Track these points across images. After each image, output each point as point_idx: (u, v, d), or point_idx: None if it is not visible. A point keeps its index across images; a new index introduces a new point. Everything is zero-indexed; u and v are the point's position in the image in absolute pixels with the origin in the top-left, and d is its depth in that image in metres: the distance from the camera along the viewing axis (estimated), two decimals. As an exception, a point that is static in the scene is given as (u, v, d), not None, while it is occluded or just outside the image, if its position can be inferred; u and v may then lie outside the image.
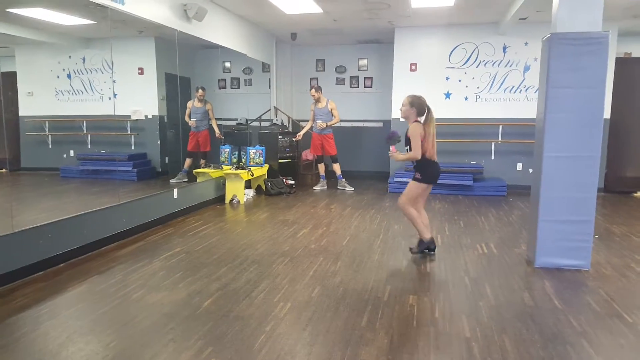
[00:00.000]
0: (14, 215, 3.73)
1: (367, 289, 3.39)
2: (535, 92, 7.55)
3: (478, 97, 8.01)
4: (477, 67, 7.94)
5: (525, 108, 7.69)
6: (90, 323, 2.86)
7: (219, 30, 6.90)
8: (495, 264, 4.02)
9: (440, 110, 8.10)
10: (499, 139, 7.83)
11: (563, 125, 3.71)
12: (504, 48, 7.80)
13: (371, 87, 9.61)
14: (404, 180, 7.68)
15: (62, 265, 3.90)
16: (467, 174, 7.55)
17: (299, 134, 8.09)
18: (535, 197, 3.97)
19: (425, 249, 4.24)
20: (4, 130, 4.96)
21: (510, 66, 7.81)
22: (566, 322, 2.86)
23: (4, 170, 5.98)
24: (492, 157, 7.98)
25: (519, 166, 7.94)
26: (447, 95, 8.12)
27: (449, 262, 4.04)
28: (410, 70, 8.22)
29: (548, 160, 3.78)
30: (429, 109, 4.02)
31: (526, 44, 7.67)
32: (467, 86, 8.03)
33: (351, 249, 4.43)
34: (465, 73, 8.01)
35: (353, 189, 7.79)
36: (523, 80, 7.79)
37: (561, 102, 3.70)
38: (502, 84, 7.88)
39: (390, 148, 4.09)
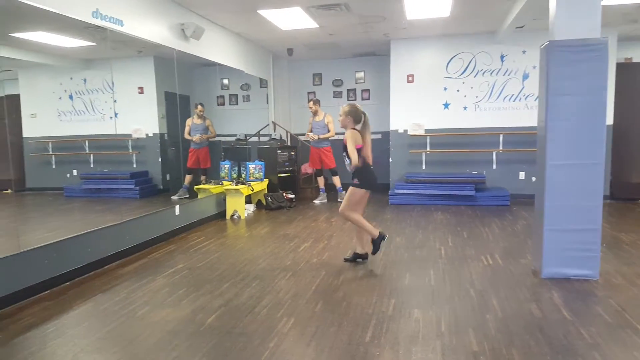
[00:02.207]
0: (20, 235, 3.73)
1: (371, 303, 3.35)
2: (535, 100, 7.57)
3: (477, 106, 8.03)
4: (475, 76, 7.98)
5: (525, 116, 7.70)
6: (96, 341, 2.84)
7: (216, 48, 6.96)
8: (501, 275, 3.98)
9: (439, 120, 8.16)
10: (500, 148, 7.83)
11: (565, 132, 3.70)
12: (502, 57, 7.84)
13: (369, 99, 9.65)
14: (405, 191, 7.69)
15: (67, 284, 3.89)
16: (469, 184, 7.53)
17: (310, 135, 7.90)
18: (539, 206, 3.94)
19: (358, 257, 4.34)
20: (9, 151, 4.99)
21: (509, 75, 7.84)
22: (576, 334, 2.82)
23: (9, 190, 6.00)
24: (494, 167, 7.97)
25: (522, 175, 7.92)
26: (446, 105, 8.15)
27: (453, 275, 4.00)
28: (408, 81, 8.26)
29: (551, 168, 3.76)
30: (364, 116, 4.20)
31: (524, 52, 7.71)
32: (465, 96, 8.05)
33: (354, 262, 4.39)
34: (463, 83, 8.04)
35: (355, 201, 7.76)
36: (522, 89, 7.82)
37: (562, 110, 3.69)
38: (501, 92, 7.90)
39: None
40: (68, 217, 6.57)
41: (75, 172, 7.79)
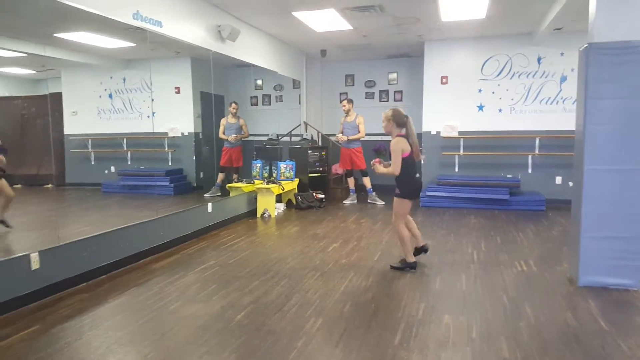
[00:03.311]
0: (60, 228, 3.89)
1: (400, 307, 3.33)
2: (573, 103, 7.33)
3: (513, 109, 7.85)
4: (510, 78, 7.80)
5: (563, 119, 7.47)
6: (129, 334, 2.93)
7: (251, 50, 7.06)
8: (535, 282, 3.88)
9: (473, 122, 8.02)
10: (536, 152, 7.62)
11: (604, 137, 3.58)
12: (539, 59, 7.63)
13: (401, 100, 9.58)
14: (437, 194, 7.58)
15: (103, 277, 4.03)
16: (503, 188, 7.36)
17: (340, 137, 7.92)
18: (576, 212, 3.82)
19: (407, 267, 4.21)
20: (51, 147, 5.23)
21: (546, 77, 7.63)
22: (614, 345, 2.71)
23: (50, 185, 6.27)
24: (530, 171, 7.76)
25: (558, 179, 7.68)
26: (480, 107, 8.00)
27: (486, 280, 3.93)
28: (441, 83, 8.16)
29: (589, 173, 3.64)
30: (408, 119, 4.04)
31: (562, 54, 7.48)
32: (500, 98, 7.88)
33: (382, 264, 4.38)
34: (499, 85, 7.88)
35: (384, 203, 7.71)
36: (560, 92, 7.59)
37: (602, 114, 3.57)
38: (537, 95, 7.70)
39: (375, 159, 4.18)
40: (105, 212, 6.81)
41: (113, 169, 8.07)
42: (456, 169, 8.12)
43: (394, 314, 3.20)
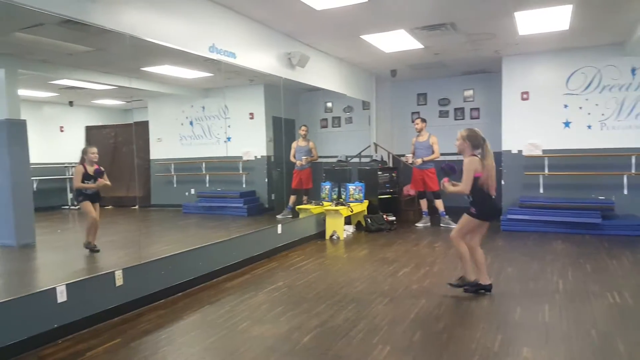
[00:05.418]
0: (142, 248, 4.16)
1: (475, 338, 3.11)
2: (675, 117, 6.58)
3: (604, 125, 7.21)
4: (600, 92, 7.19)
5: (663, 135, 6.73)
6: (201, 351, 3.02)
7: (320, 74, 7.19)
8: (630, 316, 3.46)
9: (559, 140, 7.49)
10: (633, 171, 6.89)
11: None
12: (633, 70, 6.97)
13: (478, 118, 9.20)
14: (520, 217, 7.11)
15: (179, 294, 4.22)
16: (595, 211, 6.72)
17: (416, 161, 7.69)
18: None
19: (465, 288, 4.00)
20: (136, 172, 5.67)
21: (643, 89, 6.94)
22: None
23: (135, 207, 6.77)
24: (625, 192, 7.02)
25: (659, 201, 6.88)
26: (567, 124, 7.44)
27: (572, 312, 3.56)
28: (522, 99, 7.72)
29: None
30: (485, 142, 3.86)
31: (660, 63, 6.78)
32: (589, 113, 7.28)
33: (457, 292, 4.13)
34: (587, 99, 7.29)
35: (460, 226, 7.35)
36: (659, 105, 6.86)
37: None
38: (632, 109, 7.00)
39: (444, 178, 4.02)
40: (184, 232, 7.19)
41: (192, 191, 8.56)
42: (541, 190, 7.57)
43: (467, 345, 3.00)
